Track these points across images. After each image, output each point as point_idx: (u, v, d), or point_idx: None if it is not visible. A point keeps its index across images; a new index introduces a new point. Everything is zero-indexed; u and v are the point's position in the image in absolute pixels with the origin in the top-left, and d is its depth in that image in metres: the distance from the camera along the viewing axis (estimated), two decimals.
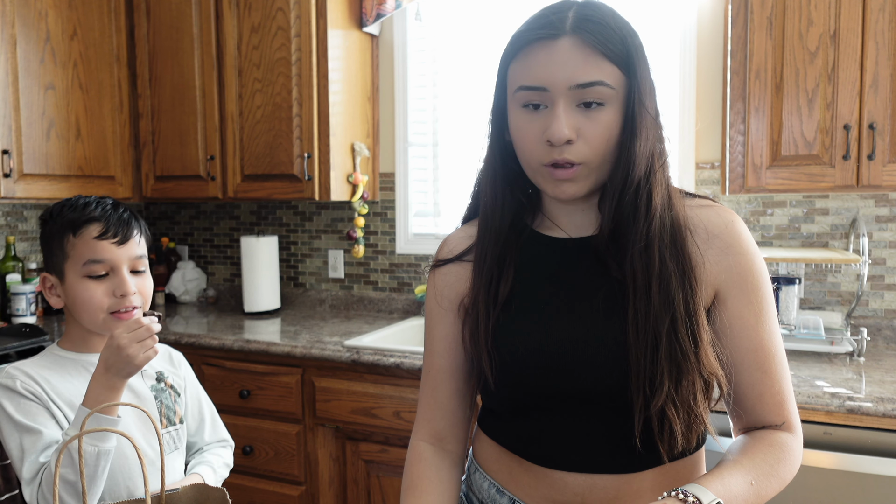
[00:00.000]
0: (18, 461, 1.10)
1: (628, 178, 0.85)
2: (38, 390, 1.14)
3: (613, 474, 0.88)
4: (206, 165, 2.70)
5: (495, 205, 0.95)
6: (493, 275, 0.94)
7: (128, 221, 1.21)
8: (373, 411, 2.11)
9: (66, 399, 1.16)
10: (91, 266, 1.17)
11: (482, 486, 0.98)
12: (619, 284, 0.87)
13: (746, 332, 0.88)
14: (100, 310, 1.17)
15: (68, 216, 1.19)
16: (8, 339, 2.15)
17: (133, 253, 1.21)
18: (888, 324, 2.12)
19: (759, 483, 0.83)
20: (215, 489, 0.92)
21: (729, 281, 0.88)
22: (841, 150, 1.84)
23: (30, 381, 1.14)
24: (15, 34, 2.39)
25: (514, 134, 0.89)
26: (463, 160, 2.66)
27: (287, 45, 2.50)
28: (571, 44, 0.83)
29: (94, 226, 1.18)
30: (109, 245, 1.18)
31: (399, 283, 2.81)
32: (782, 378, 0.90)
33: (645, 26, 2.34)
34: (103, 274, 1.18)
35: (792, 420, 0.90)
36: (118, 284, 1.17)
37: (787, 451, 0.87)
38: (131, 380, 1.18)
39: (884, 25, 1.79)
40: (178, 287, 3.10)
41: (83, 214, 1.19)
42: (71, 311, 1.21)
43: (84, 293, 1.17)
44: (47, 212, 1.23)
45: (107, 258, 1.18)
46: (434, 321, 1.02)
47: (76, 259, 1.17)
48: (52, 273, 1.21)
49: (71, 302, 1.19)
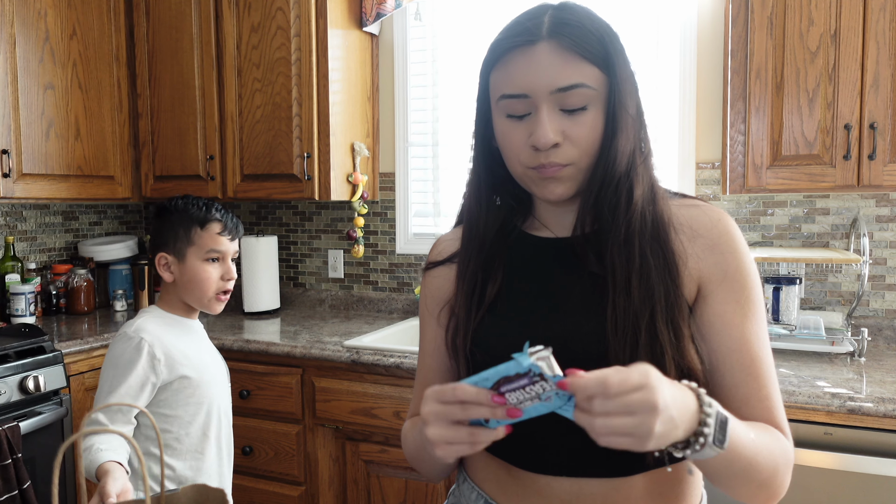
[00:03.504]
0: (99, 402, 1.45)
1: (608, 175, 0.85)
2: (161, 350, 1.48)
3: (600, 479, 0.86)
4: (206, 165, 2.70)
5: (479, 212, 0.96)
6: (477, 280, 0.94)
7: (237, 225, 1.60)
8: (373, 411, 2.11)
9: (178, 348, 1.51)
10: (212, 253, 1.54)
11: (470, 497, 0.97)
12: (600, 281, 0.87)
13: (729, 331, 0.86)
14: (211, 289, 1.54)
15: (195, 213, 1.54)
16: (7, 339, 2.14)
17: (236, 248, 1.60)
18: (889, 324, 2.12)
19: (759, 443, 0.79)
20: (215, 489, 0.92)
21: (713, 277, 0.87)
22: (841, 149, 1.84)
23: (157, 342, 1.48)
24: (14, 34, 2.39)
25: (501, 141, 0.89)
26: (463, 160, 2.66)
27: (287, 44, 2.50)
28: (549, 48, 0.83)
29: (217, 224, 1.55)
30: (225, 239, 1.56)
31: (399, 283, 2.81)
32: (769, 383, 0.86)
33: (645, 26, 2.34)
34: (216, 260, 1.55)
35: (783, 427, 0.86)
36: (226, 270, 1.56)
37: (783, 443, 0.85)
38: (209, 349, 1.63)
39: (884, 25, 1.78)
40: None
41: (209, 214, 1.55)
42: (184, 285, 1.54)
43: (203, 273, 1.53)
44: (170, 205, 1.56)
45: (222, 249, 1.55)
46: (424, 322, 1.04)
47: (201, 246, 1.53)
48: (169, 253, 1.54)
49: (188, 279, 1.53)
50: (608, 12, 0.91)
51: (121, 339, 1.50)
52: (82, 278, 2.83)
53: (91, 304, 2.86)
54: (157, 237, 1.56)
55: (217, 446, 1.60)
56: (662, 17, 2.35)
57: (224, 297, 1.57)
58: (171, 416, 1.51)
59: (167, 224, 1.55)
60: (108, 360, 1.49)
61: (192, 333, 1.60)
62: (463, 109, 2.64)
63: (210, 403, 1.57)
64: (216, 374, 1.61)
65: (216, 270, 1.55)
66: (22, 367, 2.05)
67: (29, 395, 2.05)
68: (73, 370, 2.27)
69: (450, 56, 2.67)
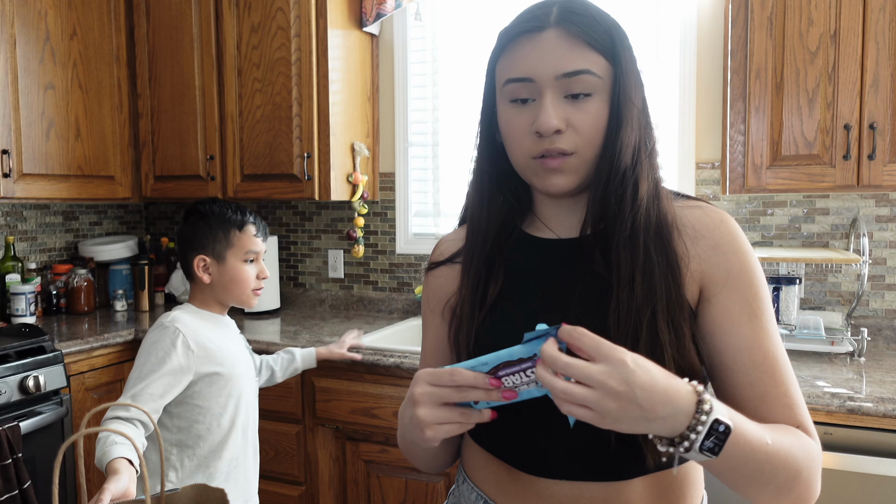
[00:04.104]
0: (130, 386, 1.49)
1: (613, 167, 0.85)
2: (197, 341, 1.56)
3: (600, 482, 0.86)
4: (206, 165, 2.70)
5: (482, 206, 0.96)
6: (481, 276, 0.94)
7: (265, 227, 1.70)
8: (373, 411, 2.11)
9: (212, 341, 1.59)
10: (249, 254, 1.64)
11: (470, 497, 0.97)
12: (603, 281, 0.86)
13: (737, 330, 0.84)
14: (249, 287, 1.64)
15: (233, 217, 1.63)
16: (7, 339, 2.15)
17: (266, 247, 1.70)
18: (888, 324, 2.12)
19: (776, 446, 0.75)
20: (215, 489, 0.92)
21: (716, 278, 0.86)
22: (841, 149, 1.84)
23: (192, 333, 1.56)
24: (14, 34, 2.39)
25: (504, 128, 0.89)
26: (463, 160, 2.66)
27: (287, 44, 2.50)
28: (556, 35, 0.83)
29: (253, 226, 1.65)
30: (259, 240, 1.66)
31: (399, 283, 2.81)
32: (787, 380, 0.83)
33: (645, 26, 2.34)
34: (252, 261, 1.65)
35: (807, 426, 0.83)
36: (261, 269, 1.67)
37: (806, 443, 0.79)
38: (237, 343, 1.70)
39: (884, 25, 1.78)
40: (178, 287, 3.10)
41: (245, 218, 1.64)
42: (223, 285, 1.63)
43: (243, 273, 1.63)
44: (205, 209, 1.64)
45: (257, 250, 1.66)
46: (426, 322, 1.05)
47: (240, 248, 1.62)
48: (208, 256, 1.62)
49: (228, 279, 1.62)
50: (609, 12, 0.91)
51: (157, 328, 1.56)
52: (82, 278, 2.83)
53: (91, 304, 2.86)
54: (193, 241, 1.63)
55: (244, 438, 1.66)
56: (662, 18, 2.35)
57: (259, 292, 1.68)
58: (202, 408, 1.58)
59: (203, 228, 1.62)
60: (143, 348, 1.54)
61: (224, 328, 1.68)
62: (463, 109, 2.64)
63: (239, 396, 1.63)
64: (246, 368, 1.68)
65: (253, 270, 1.65)
66: (22, 366, 2.05)
67: (29, 395, 2.05)
68: (74, 370, 2.27)
69: (450, 56, 2.67)
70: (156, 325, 1.57)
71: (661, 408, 0.68)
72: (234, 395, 1.62)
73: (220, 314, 1.68)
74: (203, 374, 1.56)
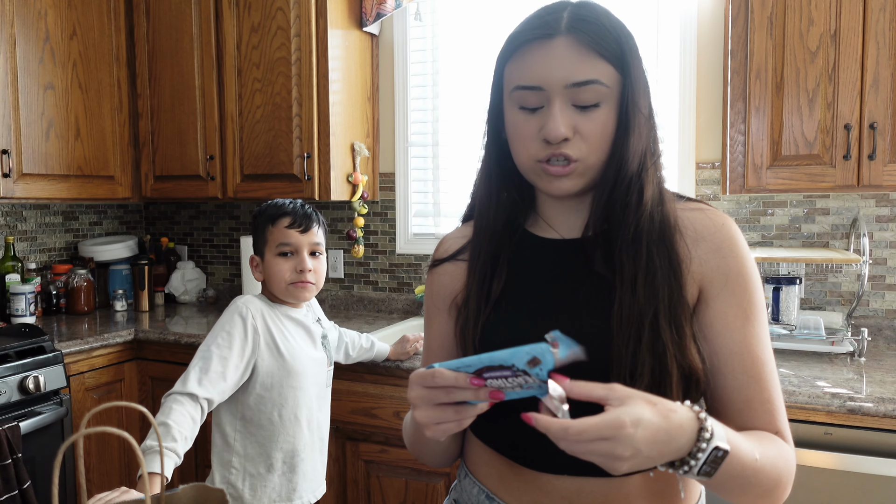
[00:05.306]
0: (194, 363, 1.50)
1: (620, 174, 0.86)
2: (260, 326, 1.58)
3: (600, 478, 0.86)
4: (206, 165, 2.70)
5: (489, 203, 0.96)
6: (487, 272, 0.95)
7: (309, 216, 1.62)
8: (373, 411, 2.11)
9: (277, 329, 1.60)
10: (282, 248, 1.60)
11: (472, 492, 0.97)
12: (605, 282, 0.87)
13: (730, 334, 0.86)
14: (283, 280, 1.60)
15: (269, 211, 1.62)
16: (7, 339, 2.14)
17: (312, 240, 1.62)
18: (889, 324, 2.12)
19: (763, 461, 0.79)
20: (215, 489, 0.92)
21: (715, 280, 0.87)
22: (841, 149, 1.84)
23: (260, 317, 1.58)
24: (14, 34, 2.39)
25: (510, 131, 0.90)
26: (463, 160, 2.66)
27: (287, 44, 2.50)
28: (567, 43, 0.83)
29: (286, 218, 1.60)
30: (295, 233, 1.60)
31: (399, 283, 2.81)
32: (772, 386, 0.87)
33: (645, 26, 2.34)
34: (289, 254, 1.60)
35: (785, 433, 0.87)
36: (298, 262, 1.60)
37: (786, 452, 0.85)
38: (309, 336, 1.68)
39: (884, 25, 1.78)
40: (178, 287, 3.10)
41: (279, 210, 1.61)
42: (267, 281, 1.64)
43: (274, 267, 1.60)
44: (257, 209, 1.66)
45: (292, 242, 1.60)
46: (430, 320, 1.05)
47: (272, 242, 1.60)
48: (256, 254, 1.65)
49: (267, 275, 1.63)
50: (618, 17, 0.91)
51: (230, 307, 1.60)
52: (82, 278, 2.83)
53: (91, 304, 2.86)
54: (253, 242, 1.68)
55: (309, 431, 1.65)
56: (662, 17, 2.35)
57: (301, 286, 1.61)
58: (264, 397, 1.59)
59: (254, 228, 1.66)
60: (216, 325, 1.58)
61: (291, 320, 1.66)
62: (463, 109, 2.64)
63: (303, 390, 1.63)
64: (311, 364, 1.66)
65: (287, 264, 1.60)
66: (22, 367, 2.05)
67: (29, 395, 2.05)
68: (73, 370, 2.27)
69: (450, 56, 2.67)
70: (230, 305, 1.61)
71: (667, 449, 0.72)
72: (295, 388, 1.61)
73: (291, 307, 1.67)
74: (265, 361, 1.57)
